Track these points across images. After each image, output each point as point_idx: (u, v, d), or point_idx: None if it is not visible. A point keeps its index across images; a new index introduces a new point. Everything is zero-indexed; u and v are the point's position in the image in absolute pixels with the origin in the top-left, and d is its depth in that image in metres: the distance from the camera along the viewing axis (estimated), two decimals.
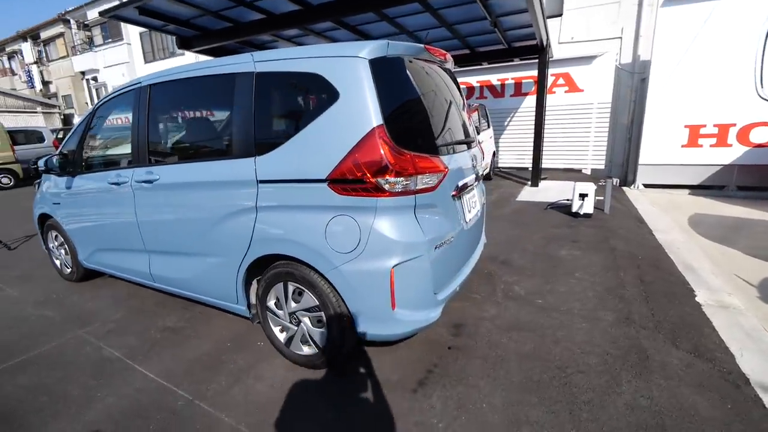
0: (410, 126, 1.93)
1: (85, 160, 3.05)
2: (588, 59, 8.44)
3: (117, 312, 3.03)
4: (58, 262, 3.71)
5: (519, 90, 9.40)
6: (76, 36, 18.45)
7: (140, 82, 2.61)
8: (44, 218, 3.57)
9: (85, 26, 17.80)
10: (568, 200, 5.40)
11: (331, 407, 1.90)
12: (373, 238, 1.78)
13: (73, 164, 3.07)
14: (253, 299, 2.33)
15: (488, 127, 8.06)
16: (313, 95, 1.84)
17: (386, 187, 1.74)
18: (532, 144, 7.59)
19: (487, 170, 8.04)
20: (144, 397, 2.05)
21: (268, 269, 2.13)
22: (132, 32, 16.06)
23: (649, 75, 7.07)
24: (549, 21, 8.97)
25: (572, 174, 8.84)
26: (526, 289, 3.07)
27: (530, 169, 7.82)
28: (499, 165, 10.20)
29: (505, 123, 9.86)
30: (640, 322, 2.53)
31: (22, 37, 20.59)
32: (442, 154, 2.01)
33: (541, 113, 7.14)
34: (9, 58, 22.70)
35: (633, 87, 8.26)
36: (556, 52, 8.84)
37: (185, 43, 6.55)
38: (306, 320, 2.10)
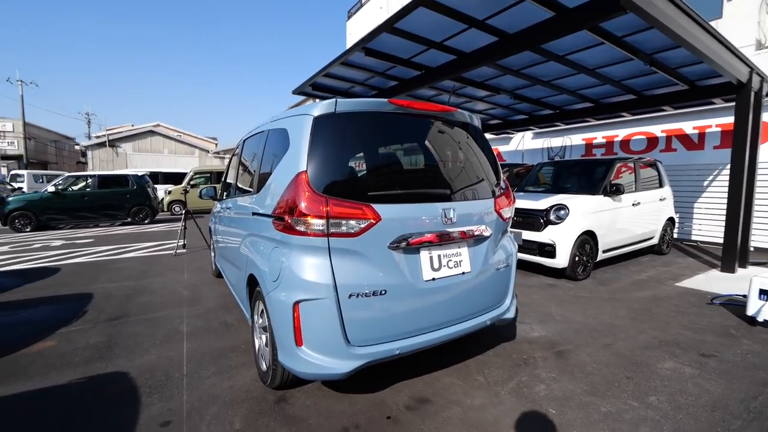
0: (341, 174, 2.01)
1: (223, 191, 4.39)
2: None
3: (213, 302, 4.09)
4: (211, 261, 5.29)
5: (728, 140, 6.92)
6: None
7: (243, 137, 3.65)
8: (210, 230, 5.22)
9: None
10: (744, 296, 3.61)
11: (243, 422, 2.06)
12: (286, 272, 1.94)
13: (217, 194, 4.46)
14: None
15: (660, 186, 6.28)
16: (282, 147, 2.21)
17: (299, 227, 1.90)
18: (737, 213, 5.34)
19: (654, 240, 6.19)
20: (166, 362, 2.75)
21: (256, 287, 2.54)
22: None
23: None
24: None
25: None
26: (551, 392, 2.32)
27: (737, 247, 5.39)
28: (694, 237, 7.60)
29: (705, 183, 7.39)
30: None
31: (291, 108, 30.09)
32: (378, 203, 1.97)
33: (741, 171, 5.08)
34: None
35: None
36: None
37: None
38: (263, 338, 2.37)
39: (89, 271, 5.57)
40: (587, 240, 4.93)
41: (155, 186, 12.45)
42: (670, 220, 6.48)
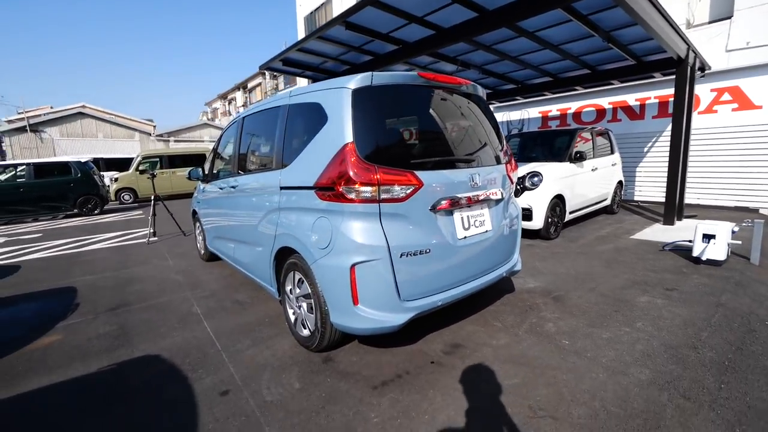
0: (384, 143, 2.15)
1: (212, 171, 4.25)
2: None
3: (215, 284, 4.04)
4: (198, 246, 5.14)
5: (664, 110, 7.88)
6: (268, 85, 24.26)
7: (241, 115, 3.57)
8: (194, 213, 5.03)
9: (274, 77, 23.28)
10: (689, 242, 4.31)
11: (301, 381, 2.21)
12: (339, 238, 2.06)
13: (206, 175, 4.31)
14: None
15: (612, 153, 7.02)
16: (316, 120, 2.27)
17: (351, 195, 2.02)
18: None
19: (607, 202, 6.97)
20: (195, 342, 2.77)
21: (287, 259, 2.61)
22: (301, 80, 20.12)
23: None
24: (716, 25, 7.42)
25: (744, 215, 6.78)
26: (559, 328, 2.72)
27: (675, 204, 6.26)
28: (636, 198, 8.63)
29: (645, 149, 8.35)
30: (686, 391, 1.98)
31: (238, 87, 28.38)
32: (419, 169, 2.14)
33: (680, 136, 5.86)
34: (229, 103, 31.49)
35: None
36: (722, 61, 7.16)
37: None
38: (304, 305, 2.49)
39: (55, 266, 5.16)
40: (557, 203, 5.47)
41: (102, 173, 11.39)
42: (620, 183, 7.31)
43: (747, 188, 7.03)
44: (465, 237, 2.37)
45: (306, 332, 2.51)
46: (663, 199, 7.81)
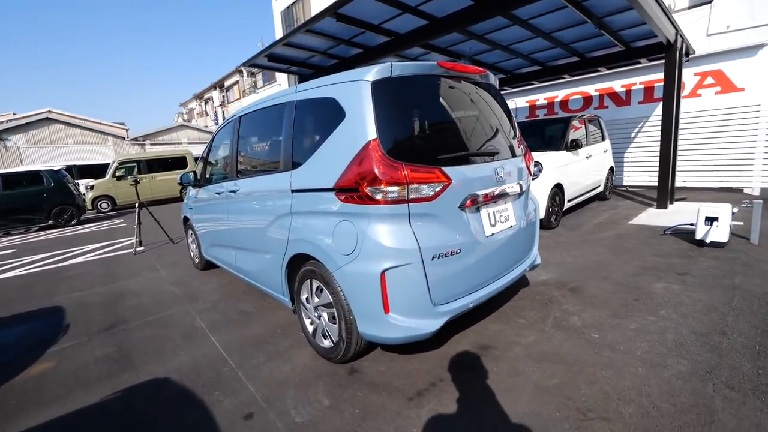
0: (408, 139, 2.02)
1: (205, 175, 4.01)
2: (751, 50, 6.68)
3: (216, 295, 3.83)
4: (192, 254, 4.88)
5: (650, 96, 7.99)
6: (246, 82, 23.58)
7: (236, 115, 3.35)
8: (186, 220, 4.77)
9: (251, 74, 22.63)
10: (691, 225, 4.36)
11: (330, 397, 2.07)
12: (366, 243, 1.92)
13: (199, 179, 4.07)
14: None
15: (603, 140, 7.07)
16: (331, 116, 2.11)
17: (378, 196, 1.87)
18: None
19: (600, 188, 7.03)
20: (205, 360, 2.58)
21: (302, 267, 2.45)
22: (282, 76, 19.65)
23: None
24: (696, 10, 7.54)
25: (729, 195, 6.97)
26: (584, 321, 2.66)
27: (668, 187, 6.38)
28: (625, 183, 8.76)
29: (632, 135, 8.47)
30: (729, 380, 1.94)
31: (214, 86, 27.48)
32: (445, 165, 2.02)
33: (670, 121, 5.94)
34: (205, 103, 30.51)
35: None
36: (704, 45, 7.30)
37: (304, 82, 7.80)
38: (324, 315, 2.34)
39: (37, 282, 4.81)
40: (557, 192, 5.45)
41: (76, 181, 10.80)
42: (611, 169, 7.38)
43: (731, 169, 7.22)
44: (492, 234, 2.27)
45: (328, 343, 2.36)
46: (651, 183, 7.99)
